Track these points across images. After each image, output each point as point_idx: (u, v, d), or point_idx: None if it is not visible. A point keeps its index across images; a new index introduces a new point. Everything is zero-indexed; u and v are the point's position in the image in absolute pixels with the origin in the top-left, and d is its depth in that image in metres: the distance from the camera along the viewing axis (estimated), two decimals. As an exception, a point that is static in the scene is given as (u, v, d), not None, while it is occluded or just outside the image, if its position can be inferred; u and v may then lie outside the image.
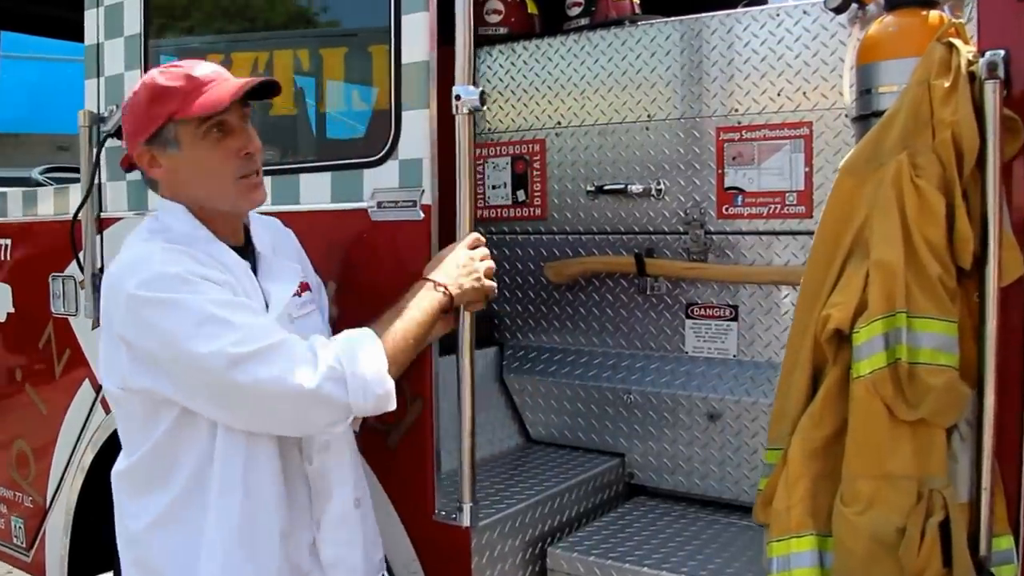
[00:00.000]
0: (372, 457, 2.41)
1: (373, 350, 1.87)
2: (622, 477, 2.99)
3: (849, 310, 1.85)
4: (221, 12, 3.04)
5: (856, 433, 1.81)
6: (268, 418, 1.82)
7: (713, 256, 2.85)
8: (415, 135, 2.25)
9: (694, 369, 2.89)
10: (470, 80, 2.12)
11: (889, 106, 1.91)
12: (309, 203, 2.49)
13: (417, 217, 2.24)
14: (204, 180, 1.87)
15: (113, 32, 2.93)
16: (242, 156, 1.87)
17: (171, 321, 1.72)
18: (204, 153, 1.84)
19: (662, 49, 2.92)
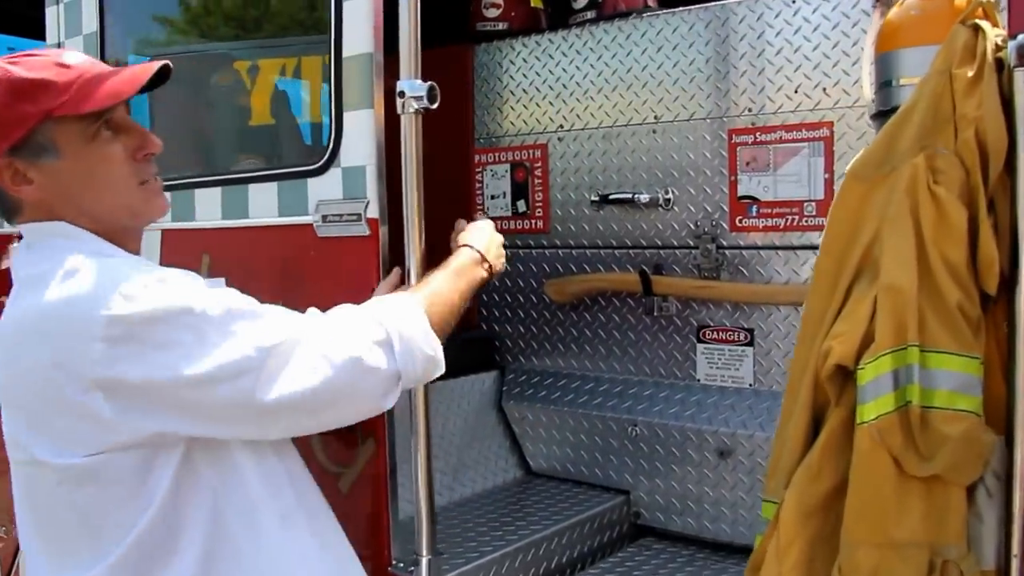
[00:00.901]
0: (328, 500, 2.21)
1: (415, 311, 1.63)
2: (627, 516, 2.73)
3: (854, 342, 1.58)
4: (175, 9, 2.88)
5: (857, 491, 1.53)
6: (318, 408, 1.50)
7: (726, 273, 2.58)
8: (358, 139, 2.03)
9: (705, 399, 2.62)
10: (416, 74, 1.89)
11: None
12: (258, 216, 2.29)
13: (362, 232, 2.02)
14: (97, 192, 1.51)
15: (72, 31, 2.80)
16: (141, 158, 1.56)
17: (190, 330, 1.37)
18: (95, 158, 1.50)
19: (668, 43, 2.66)
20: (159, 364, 1.35)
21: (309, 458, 2.21)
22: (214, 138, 2.89)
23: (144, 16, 2.88)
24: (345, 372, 1.48)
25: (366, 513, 2.14)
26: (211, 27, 2.89)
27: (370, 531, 2.13)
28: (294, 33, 2.81)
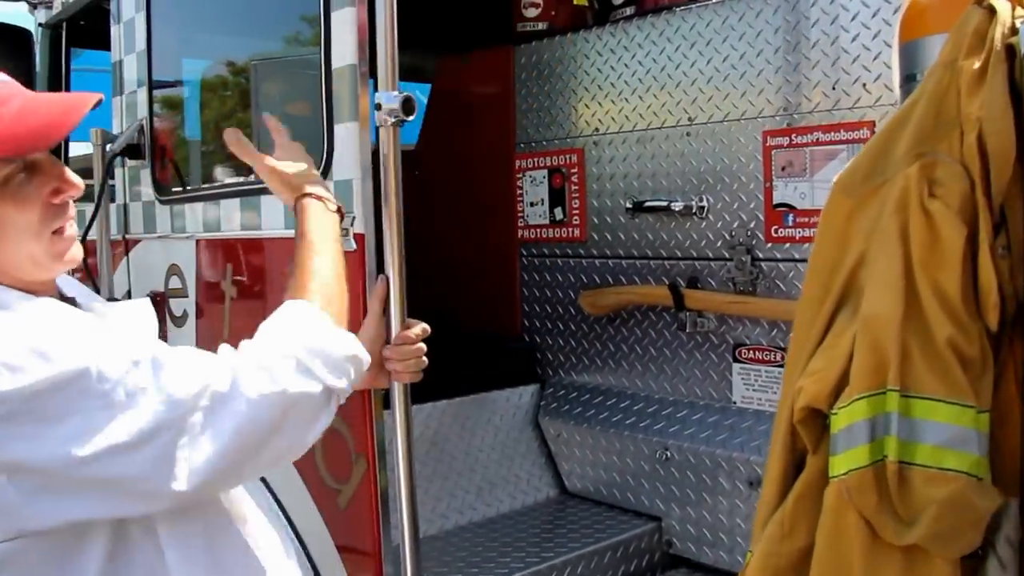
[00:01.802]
0: (326, 514, 2.16)
1: (314, 318, 1.47)
2: (658, 545, 2.53)
3: (828, 382, 1.36)
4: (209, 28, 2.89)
5: (821, 556, 1.31)
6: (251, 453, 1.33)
7: (762, 287, 2.34)
8: (346, 152, 1.94)
9: (740, 423, 2.39)
10: (394, 86, 1.78)
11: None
12: (268, 228, 2.26)
13: (348, 247, 1.93)
14: (11, 246, 1.27)
15: (129, 48, 2.85)
16: (56, 203, 1.27)
17: (90, 397, 1.17)
18: (10, 207, 1.24)
19: (701, 39, 2.45)
20: (58, 440, 1.14)
21: (313, 473, 2.16)
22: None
23: (184, 36, 2.90)
24: (273, 409, 1.32)
25: (360, 531, 2.06)
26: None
27: (363, 550, 2.06)
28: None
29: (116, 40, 2.95)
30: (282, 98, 2.81)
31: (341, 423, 2.07)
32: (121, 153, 2.78)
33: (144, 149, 2.79)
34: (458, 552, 2.39)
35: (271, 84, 2.84)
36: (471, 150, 3.18)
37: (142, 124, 2.78)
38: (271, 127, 1.79)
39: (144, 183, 2.84)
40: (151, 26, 2.72)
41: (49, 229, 1.28)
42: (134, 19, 2.82)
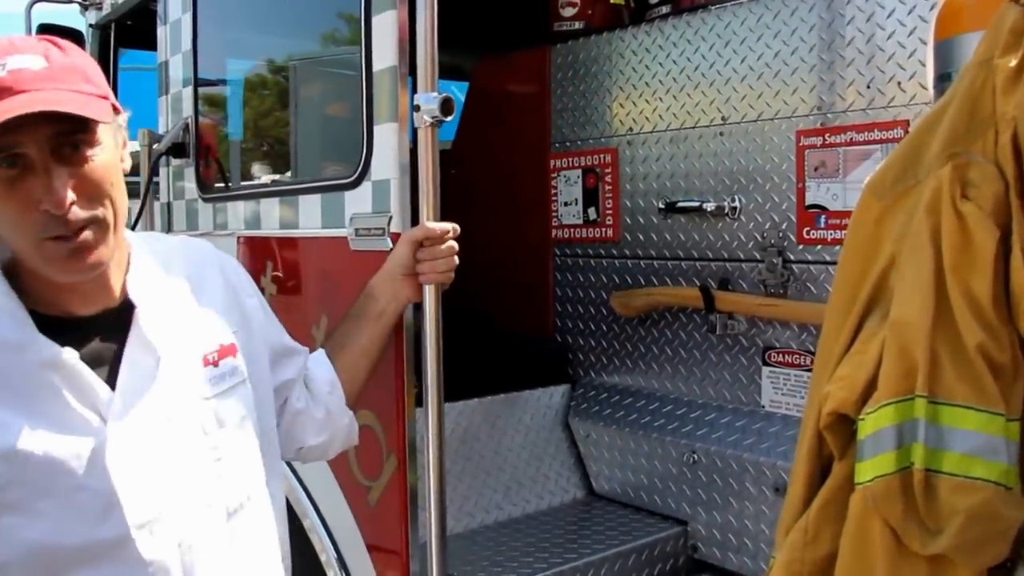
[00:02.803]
0: (356, 510, 2.16)
1: None
2: (683, 549, 2.50)
3: (856, 388, 1.32)
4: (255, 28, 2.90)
5: (845, 564, 1.27)
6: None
7: (793, 290, 2.29)
8: (385, 153, 1.94)
9: (768, 428, 2.35)
10: (433, 87, 1.78)
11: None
12: (305, 227, 2.26)
13: (385, 247, 1.92)
14: (6, 233, 1.25)
15: (175, 48, 2.88)
16: (41, 212, 1.20)
17: None
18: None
19: (736, 37, 2.40)
20: None
21: (345, 469, 2.17)
22: (279, 150, 2.90)
23: (229, 38, 2.92)
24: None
25: (388, 527, 2.06)
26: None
27: (392, 546, 2.05)
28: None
29: (162, 41, 2.98)
30: (322, 99, 2.83)
31: (375, 420, 2.07)
32: (166, 152, 2.81)
33: (188, 148, 2.82)
34: (483, 551, 2.38)
35: (311, 85, 2.85)
36: (506, 149, 3.17)
37: (187, 123, 2.81)
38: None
39: (188, 181, 2.87)
40: (197, 27, 2.75)
41: (41, 236, 1.22)
42: (180, 20, 2.85)
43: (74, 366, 1.26)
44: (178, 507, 1.31)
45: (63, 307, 1.31)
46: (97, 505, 1.24)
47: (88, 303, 1.33)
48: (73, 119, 1.21)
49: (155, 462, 1.30)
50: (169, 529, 1.29)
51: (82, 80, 1.25)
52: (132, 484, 1.26)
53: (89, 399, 1.26)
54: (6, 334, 1.24)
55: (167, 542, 1.29)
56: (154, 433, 1.31)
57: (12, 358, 1.24)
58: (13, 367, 1.23)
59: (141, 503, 1.27)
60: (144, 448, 1.29)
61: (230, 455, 1.41)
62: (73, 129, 1.22)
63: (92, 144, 1.25)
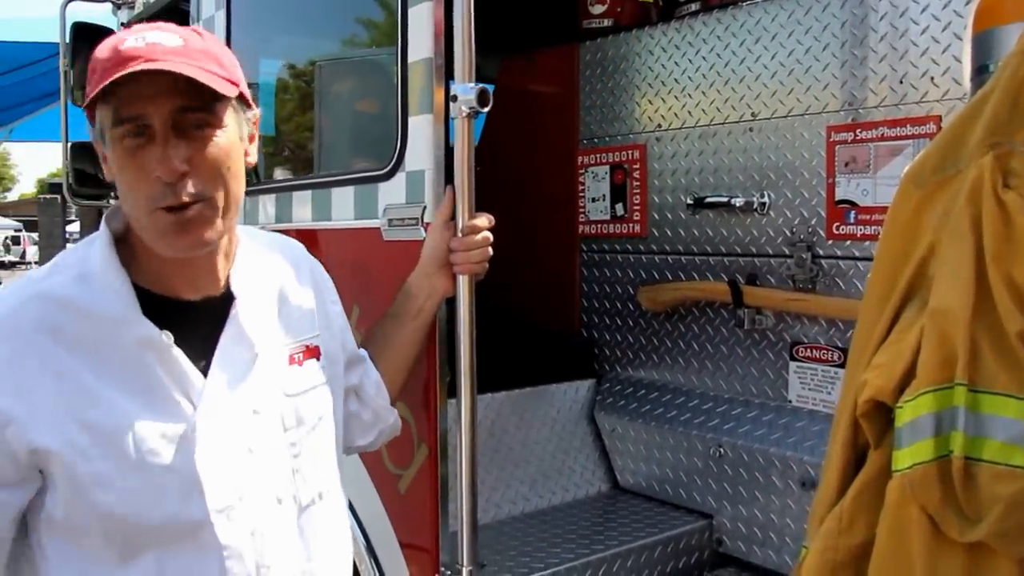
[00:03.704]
0: (386, 498, 2.16)
1: None
2: (709, 542, 2.48)
3: (894, 376, 1.30)
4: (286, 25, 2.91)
5: (883, 550, 1.26)
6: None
7: (822, 285, 2.28)
8: (420, 144, 1.94)
9: (794, 423, 2.33)
10: (470, 78, 1.78)
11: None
12: (338, 219, 2.27)
13: (418, 237, 1.93)
14: (125, 200, 1.29)
15: (206, 45, 2.90)
16: (155, 180, 1.23)
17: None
18: (118, 164, 1.26)
19: (767, 33, 2.39)
20: None
21: (375, 457, 2.17)
22: (312, 142, 2.90)
23: (262, 33, 2.93)
24: None
25: (418, 516, 2.06)
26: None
27: (422, 534, 2.05)
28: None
29: None
30: (356, 92, 2.82)
31: (406, 410, 2.07)
32: None
33: None
34: (511, 541, 2.37)
35: (345, 78, 2.85)
36: (534, 146, 3.16)
37: None
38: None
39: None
40: (230, 24, 2.76)
41: (154, 205, 1.25)
42: (213, 17, 2.86)
43: (169, 349, 1.28)
44: (255, 497, 1.33)
45: (169, 287, 1.34)
46: (180, 487, 1.26)
47: (193, 287, 1.35)
48: (199, 97, 1.24)
49: (238, 452, 1.32)
50: (245, 517, 1.31)
51: (214, 63, 1.28)
52: (215, 471, 1.28)
53: (181, 383, 1.29)
54: (109, 308, 1.27)
55: (242, 529, 1.30)
56: (240, 424, 1.33)
57: (111, 332, 1.26)
58: (111, 341, 1.26)
59: (222, 490, 1.28)
60: (229, 438, 1.31)
61: (306, 452, 1.42)
62: (198, 107, 1.25)
63: (214, 125, 1.28)
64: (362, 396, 1.72)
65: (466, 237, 1.78)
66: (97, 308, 1.26)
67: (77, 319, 1.25)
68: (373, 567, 2.21)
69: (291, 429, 1.40)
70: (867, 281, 1.45)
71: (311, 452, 1.44)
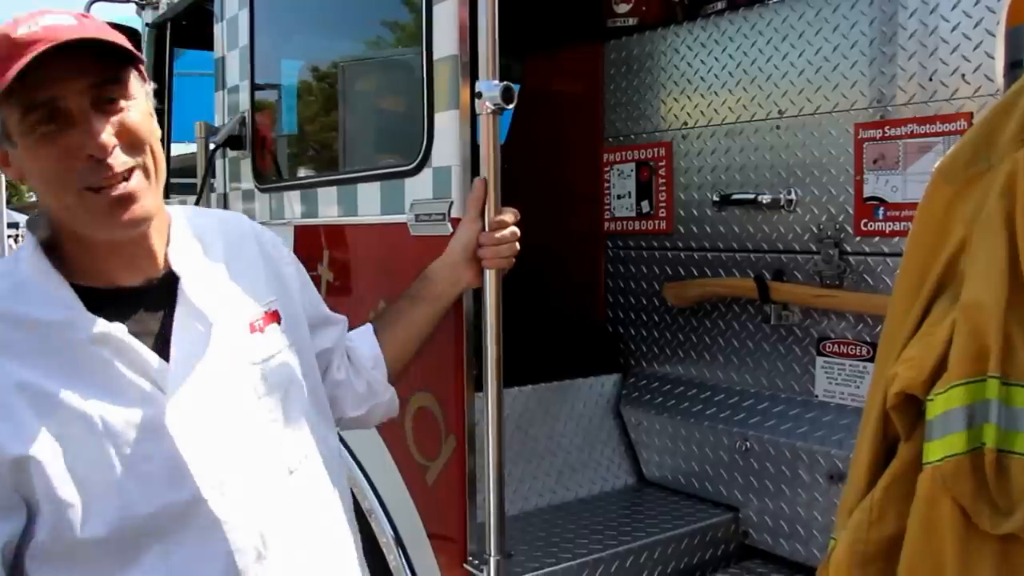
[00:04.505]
0: (413, 489, 2.18)
1: None
2: (735, 535, 2.48)
3: (924, 369, 1.30)
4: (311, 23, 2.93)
5: (914, 542, 1.25)
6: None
7: (849, 281, 2.27)
8: (446, 140, 1.96)
9: (821, 417, 2.32)
10: (494, 75, 1.79)
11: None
12: (364, 214, 2.29)
13: (445, 232, 1.94)
14: (45, 193, 1.24)
15: (232, 44, 2.93)
16: (84, 159, 1.20)
17: None
18: (32, 155, 1.21)
19: (793, 32, 2.38)
20: None
21: (402, 448, 2.19)
22: (337, 140, 2.92)
23: (286, 32, 2.96)
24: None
25: (446, 507, 2.08)
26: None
27: (449, 524, 2.07)
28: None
29: (219, 37, 3.03)
30: (381, 89, 2.84)
31: (433, 402, 2.09)
32: (223, 144, 2.85)
33: (245, 140, 2.86)
34: (538, 532, 2.38)
35: (369, 76, 2.87)
36: (558, 144, 3.16)
37: (244, 117, 2.86)
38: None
39: (244, 172, 2.91)
40: (254, 22, 2.79)
41: (82, 184, 1.21)
42: (237, 16, 2.89)
43: (122, 339, 1.25)
44: (242, 468, 1.32)
45: (107, 277, 1.30)
46: (164, 472, 1.24)
47: (132, 271, 1.32)
48: (109, 71, 1.22)
49: (215, 427, 1.30)
50: (238, 489, 1.30)
51: (112, 35, 1.24)
52: (197, 449, 1.26)
53: (142, 370, 1.26)
54: (51, 314, 1.23)
55: (238, 501, 1.29)
56: (211, 399, 1.30)
57: (61, 336, 1.23)
58: (62, 345, 1.22)
59: (208, 466, 1.27)
60: (203, 414, 1.29)
61: (283, 417, 1.41)
62: (108, 80, 1.23)
63: (127, 96, 1.25)
64: (357, 366, 1.71)
65: (494, 231, 1.79)
66: (39, 316, 1.23)
67: (20, 330, 1.21)
68: (401, 557, 2.23)
69: (263, 396, 1.38)
70: (896, 276, 1.44)
71: (287, 415, 1.42)
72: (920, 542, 1.24)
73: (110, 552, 1.21)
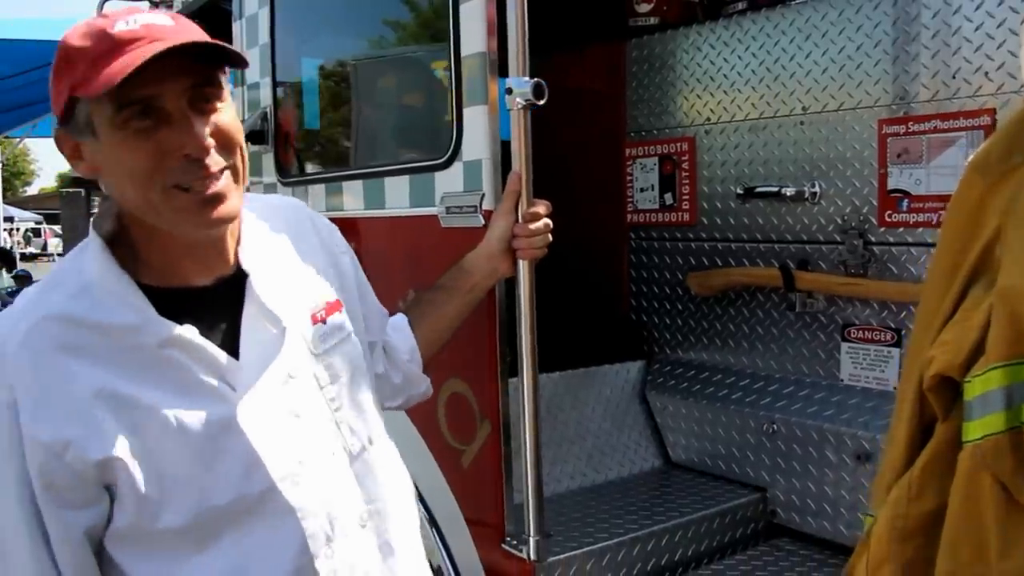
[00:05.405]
0: (449, 474, 2.24)
1: None
2: (763, 514, 2.54)
3: (962, 351, 1.35)
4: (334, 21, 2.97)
5: (956, 517, 1.31)
6: None
7: (874, 270, 2.33)
8: (476, 134, 2.01)
9: (847, 400, 2.39)
10: (525, 71, 1.84)
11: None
12: (392, 207, 2.34)
13: (477, 224, 2.00)
14: (129, 188, 1.23)
15: (251, 42, 2.98)
16: (179, 158, 1.21)
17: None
18: (122, 150, 1.20)
19: (817, 31, 2.43)
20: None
21: (435, 433, 2.25)
22: (363, 134, 2.97)
23: (307, 29, 3.00)
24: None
25: (483, 489, 2.14)
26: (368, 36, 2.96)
27: (486, 506, 2.13)
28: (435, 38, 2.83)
29: (238, 35, 3.06)
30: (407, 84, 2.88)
31: (466, 388, 2.15)
32: (245, 139, 2.89)
33: (267, 135, 2.91)
34: (573, 513, 2.45)
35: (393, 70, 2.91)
36: (582, 139, 3.22)
37: (265, 112, 2.90)
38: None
39: (266, 167, 2.96)
40: (275, 19, 2.83)
41: (171, 183, 1.22)
42: (257, 14, 2.94)
43: (193, 340, 1.26)
44: (311, 457, 1.34)
45: (180, 276, 1.31)
46: (239, 466, 1.27)
47: (205, 271, 1.33)
48: (205, 72, 1.24)
49: (284, 419, 1.32)
50: (309, 477, 1.32)
51: (208, 36, 1.25)
52: (269, 443, 1.29)
53: (213, 368, 1.27)
54: (120, 318, 1.23)
55: (309, 489, 1.32)
56: (280, 393, 1.33)
57: (132, 340, 1.23)
58: (134, 348, 1.23)
59: (280, 458, 1.30)
60: (273, 408, 1.31)
61: (346, 404, 1.43)
62: (205, 82, 1.24)
63: (221, 98, 1.27)
64: (394, 359, 1.72)
65: (528, 223, 1.83)
66: (108, 320, 1.23)
67: (90, 334, 1.22)
68: (436, 539, 2.28)
69: (327, 386, 1.40)
70: (929, 263, 1.50)
71: (351, 403, 1.44)
72: (962, 517, 1.30)
73: (187, 539, 1.25)
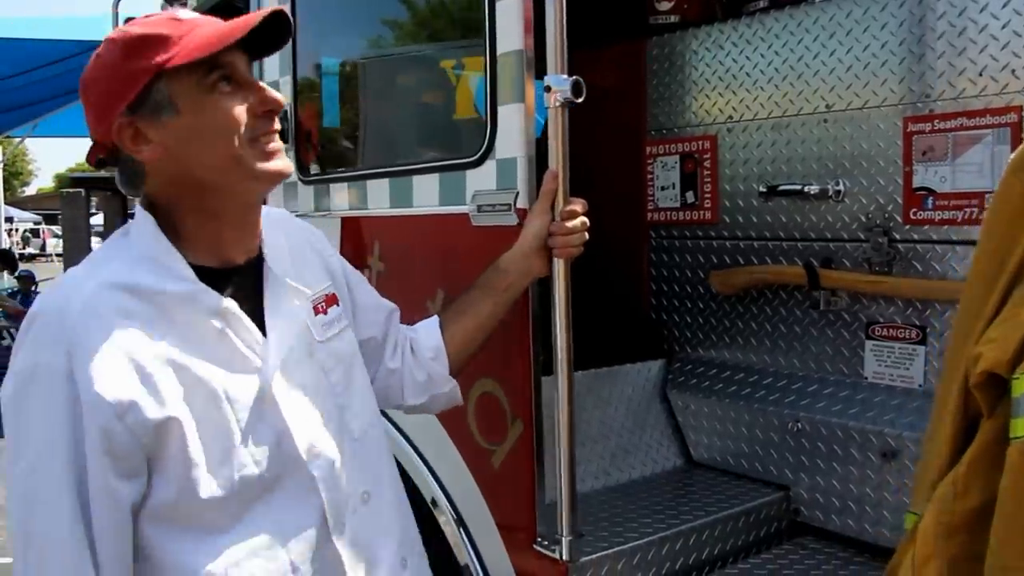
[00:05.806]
0: (478, 475, 2.22)
1: None
2: (786, 512, 2.55)
3: (1008, 349, 1.36)
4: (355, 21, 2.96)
5: (1006, 512, 1.31)
6: None
7: (898, 267, 2.33)
8: (510, 132, 2.00)
9: (872, 398, 2.39)
10: (563, 69, 1.83)
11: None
12: (421, 206, 2.33)
13: (511, 222, 1.99)
14: (211, 149, 1.34)
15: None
16: (261, 113, 1.37)
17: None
18: (213, 109, 1.33)
19: (841, 29, 2.43)
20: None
21: (465, 433, 2.24)
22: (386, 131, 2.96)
23: (328, 26, 2.99)
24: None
25: (514, 489, 2.13)
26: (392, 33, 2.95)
27: (517, 507, 2.12)
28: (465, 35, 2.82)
29: None
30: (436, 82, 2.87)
31: (497, 387, 2.14)
32: None
33: (288, 134, 2.90)
34: (600, 512, 2.44)
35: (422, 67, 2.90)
36: (602, 137, 3.21)
37: (285, 111, 2.89)
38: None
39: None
40: (296, 17, 2.81)
41: (253, 134, 1.36)
42: (277, 12, 2.91)
43: (236, 313, 1.37)
44: (328, 433, 1.45)
45: (222, 254, 1.42)
46: (272, 437, 1.37)
47: (240, 248, 1.44)
48: (252, 50, 1.40)
49: (304, 395, 1.43)
50: (325, 450, 1.43)
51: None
52: (297, 416, 1.40)
53: (249, 343, 1.38)
54: (175, 287, 1.33)
55: (327, 460, 1.43)
56: (301, 371, 1.44)
57: (183, 308, 1.33)
58: (184, 316, 1.33)
59: (306, 432, 1.41)
60: (298, 384, 1.43)
61: (347, 391, 1.54)
62: (252, 59, 1.41)
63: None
64: (418, 356, 1.78)
65: (564, 221, 1.84)
66: (163, 288, 1.32)
67: (147, 302, 1.30)
68: (464, 539, 2.27)
69: (330, 371, 1.51)
70: (971, 262, 1.50)
71: (351, 388, 1.55)
72: (1012, 511, 1.30)
73: (224, 511, 1.32)
